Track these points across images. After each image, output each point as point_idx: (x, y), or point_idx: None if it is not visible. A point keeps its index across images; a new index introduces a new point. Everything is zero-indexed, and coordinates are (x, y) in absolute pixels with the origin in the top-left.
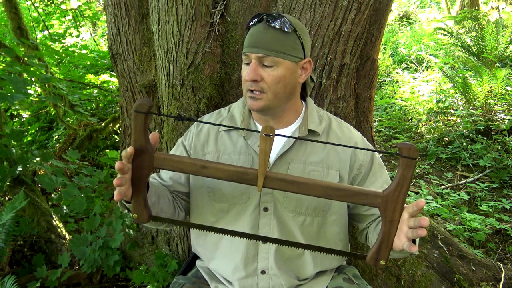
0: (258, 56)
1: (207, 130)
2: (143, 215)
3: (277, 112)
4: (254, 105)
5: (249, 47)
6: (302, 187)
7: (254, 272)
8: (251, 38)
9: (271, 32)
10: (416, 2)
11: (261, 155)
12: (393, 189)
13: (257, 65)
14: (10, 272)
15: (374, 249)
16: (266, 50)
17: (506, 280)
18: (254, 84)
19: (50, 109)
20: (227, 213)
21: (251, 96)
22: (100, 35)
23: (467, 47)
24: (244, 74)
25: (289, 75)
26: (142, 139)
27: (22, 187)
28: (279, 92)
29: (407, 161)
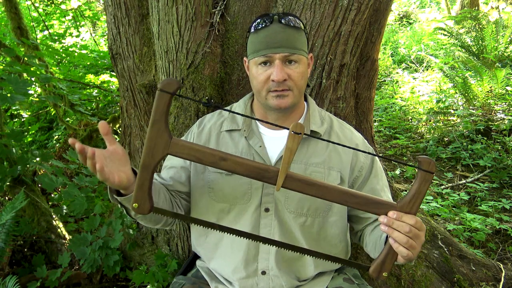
0: (284, 55)
1: (208, 130)
2: (145, 205)
3: (292, 110)
4: (282, 103)
5: (270, 48)
6: (321, 191)
7: (255, 272)
8: (268, 39)
9: (289, 31)
10: (416, 2)
11: (286, 153)
12: (407, 202)
13: (282, 65)
14: (10, 272)
15: (378, 261)
16: (290, 48)
17: (506, 280)
18: (282, 84)
19: (50, 109)
20: (228, 213)
21: (278, 95)
22: (100, 35)
23: (467, 47)
24: (263, 75)
25: (306, 71)
26: (162, 122)
27: (22, 187)
28: (302, 88)
29: (425, 175)
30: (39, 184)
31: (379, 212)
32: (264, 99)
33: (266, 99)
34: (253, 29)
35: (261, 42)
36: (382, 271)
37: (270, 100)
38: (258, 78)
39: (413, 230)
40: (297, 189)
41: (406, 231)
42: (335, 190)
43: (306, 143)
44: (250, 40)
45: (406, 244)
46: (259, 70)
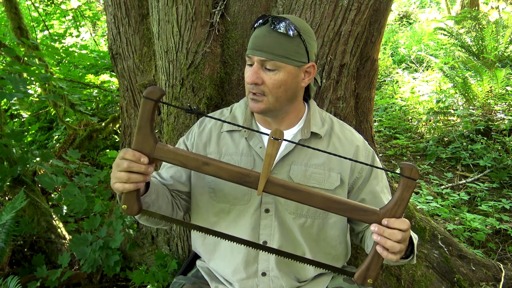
0: (261, 59)
1: (209, 130)
2: (134, 207)
3: (279, 115)
4: (254, 107)
5: (252, 49)
6: (303, 196)
7: (255, 273)
8: (255, 40)
9: (275, 36)
10: (416, 2)
11: (266, 158)
12: (390, 208)
13: (259, 68)
14: (10, 272)
15: (363, 267)
16: (269, 54)
17: (506, 280)
18: (255, 87)
19: (50, 109)
20: (228, 213)
21: (252, 98)
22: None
23: (467, 47)
24: (246, 75)
25: (291, 79)
26: (147, 127)
27: (22, 187)
28: (280, 96)
29: (408, 182)
30: (39, 184)
31: (362, 218)
32: (247, 99)
33: (248, 100)
34: (251, 27)
35: (251, 42)
36: (367, 277)
37: (249, 102)
38: (245, 78)
39: (403, 236)
40: (279, 194)
41: (399, 238)
42: (318, 196)
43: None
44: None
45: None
46: (246, 70)
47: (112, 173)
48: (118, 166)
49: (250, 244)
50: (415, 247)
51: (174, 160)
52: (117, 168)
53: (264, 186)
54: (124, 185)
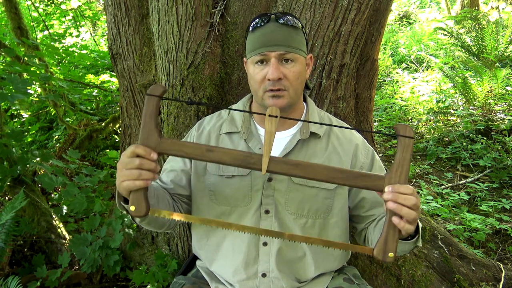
0: (279, 53)
1: (208, 133)
2: (141, 207)
3: (290, 111)
4: (278, 103)
5: (266, 46)
6: (307, 170)
7: (255, 274)
8: (264, 37)
9: (286, 29)
10: (416, 2)
11: (267, 136)
12: (394, 171)
13: (278, 63)
14: (10, 272)
15: (381, 240)
16: (286, 46)
17: (506, 280)
18: (277, 83)
19: (50, 109)
20: (229, 215)
21: (274, 95)
22: (100, 35)
23: (467, 47)
24: (260, 74)
25: (303, 71)
26: (152, 123)
27: (22, 187)
28: (298, 88)
29: (405, 140)
30: (39, 184)
31: (367, 185)
32: (261, 99)
33: (263, 99)
34: (251, 28)
35: (258, 41)
36: (386, 251)
37: (266, 100)
38: (255, 77)
39: (417, 202)
40: (283, 171)
41: (413, 203)
42: (320, 168)
43: (305, 145)
44: (248, 40)
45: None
46: (256, 69)
47: (119, 172)
48: (128, 164)
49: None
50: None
51: (178, 151)
52: (126, 166)
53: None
54: (135, 182)
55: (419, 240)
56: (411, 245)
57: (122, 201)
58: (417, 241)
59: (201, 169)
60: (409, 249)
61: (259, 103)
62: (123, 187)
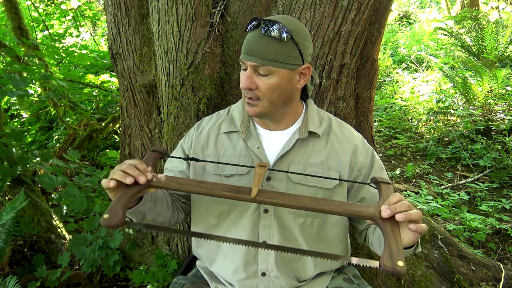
0: (253, 64)
1: (206, 133)
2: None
3: (276, 117)
4: (250, 111)
5: (245, 54)
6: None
7: (255, 274)
8: (247, 44)
9: (267, 40)
10: (416, 2)
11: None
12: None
13: (252, 73)
14: (10, 272)
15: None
16: (261, 59)
17: (506, 280)
18: (250, 92)
19: (50, 109)
20: (228, 215)
21: (248, 102)
22: (100, 35)
23: (467, 47)
24: (241, 80)
25: (285, 83)
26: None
27: (22, 187)
28: (274, 100)
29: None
30: (39, 184)
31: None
32: (244, 102)
33: (244, 103)
34: (245, 30)
35: (244, 45)
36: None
37: (245, 105)
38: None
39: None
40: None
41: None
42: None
43: (304, 144)
44: None
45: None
46: (241, 74)
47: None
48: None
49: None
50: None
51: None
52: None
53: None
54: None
55: (418, 247)
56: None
57: None
58: (417, 248)
59: (200, 169)
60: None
61: None
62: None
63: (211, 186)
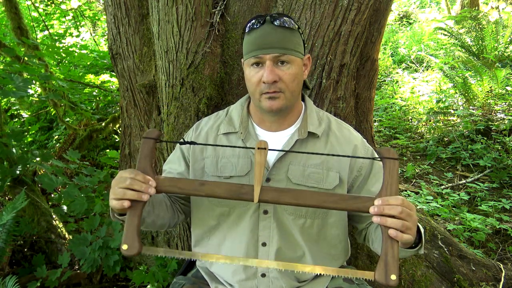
0: (274, 56)
1: (205, 134)
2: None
3: (287, 112)
4: (273, 105)
5: (261, 49)
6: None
7: (254, 275)
8: (259, 40)
9: (281, 31)
10: (416, 2)
11: (257, 166)
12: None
13: (273, 66)
14: (10, 272)
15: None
16: (281, 49)
17: (506, 280)
18: (273, 86)
19: (50, 109)
20: (228, 216)
21: (270, 97)
22: (100, 35)
23: (467, 47)
24: (255, 77)
25: (300, 72)
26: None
27: (22, 187)
28: (294, 90)
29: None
30: (39, 184)
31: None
32: (258, 101)
33: (260, 101)
34: (246, 29)
35: (253, 43)
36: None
37: (262, 102)
38: (251, 80)
39: (404, 210)
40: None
41: (399, 211)
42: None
43: (304, 145)
44: (244, 41)
45: (402, 228)
46: (252, 71)
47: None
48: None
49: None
50: (422, 235)
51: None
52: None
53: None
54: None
55: (421, 249)
56: (413, 253)
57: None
58: (420, 249)
59: (199, 171)
60: (410, 255)
61: (256, 105)
62: (111, 205)
63: (212, 189)
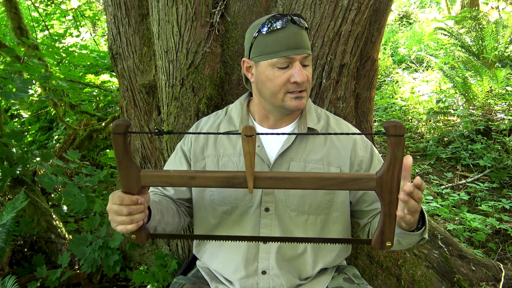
0: (303, 56)
1: None
2: (142, 235)
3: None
4: (301, 104)
5: (292, 49)
6: (294, 182)
7: (255, 272)
8: (288, 40)
9: (303, 32)
10: (416, 2)
11: (246, 157)
12: (386, 170)
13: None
14: (10, 272)
15: (377, 232)
16: (306, 49)
17: (506, 280)
18: (301, 85)
19: (50, 109)
20: (230, 215)
21: (297, 97)
22: (100, 35)
23: (467, 47)
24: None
25: None
26: (126, 159)
27: (22, 187)
28: (310, 89)
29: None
30: (39, 184)
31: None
32: (281, 101)
33: (283, 101)
34: (265, 30)
35: (280, 43)
36: (384, 241)
37: (288, 102)
38: (275, 80)
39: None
40: (270, 186)
41: (419, 197)
42: (308, 178)
43: (304, 141)
44: (260, 42)
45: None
46: (276, 72)
47: (110, 217)
48: (118, 212)
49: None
50: (426, 219)
51: (161, 183)
52: (116, 213)
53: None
54: (126, 227)
55: (425, 232)
56: (418, 237)
57: None
58: (424, 233)
59: (200, 170)
60: (415, 241)
61: (277, 105)
62: (118, 230)
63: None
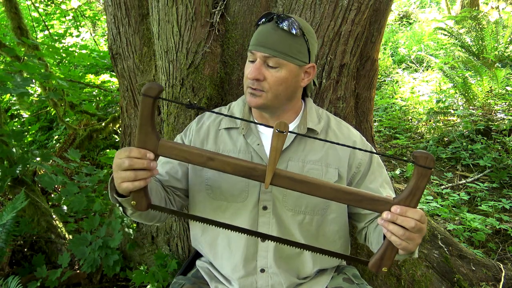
0: (264, 55)
1: (207, 127)
2: (142, 202)
3: (276, 111)
4: (252, 101)
5: (255, 45)
6: (311, 188)
7: (254, 270)
8: (259, 36)
9: (280, 33)
10: (416, 2)
11: (272, 152)
12: (405, 198)
13: (261, 64)
14: (10, 272)
15: (377, 256)
16: (272, 50)
17: (506, 280)
18: (256, 83)
19: (50, 109)
20: (224, 211)
21: (251, 93)
22: (100, 35)
23: (467, 47)
24: (247, 71)
25: (291, 78)
26: (148, 125)
27: (22, 187)
28: (279, 94)
29: (423, 171)
30: (39, 184)
31: (374, 208)
32: (245, 94)
33: (246, 95)
34: (255, 24)
35: (254, 38)
36: (381, 266)
37: (247, 96)
38: (245, 72)
39: (417, 224)
40: (287, 186)
41: (412, 226)
42: (326, 187)
43: (303, 141)
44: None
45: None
46: (247, 65)
47: (115, 173)
48: (120, 165)
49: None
50: None
51: (178, 156)
52: (119, 167)
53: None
54: (133, 183)
55: (415, 253)
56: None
57: (114, 193)
58: (413, 254)
59: None
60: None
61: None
62: (122, 188)
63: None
